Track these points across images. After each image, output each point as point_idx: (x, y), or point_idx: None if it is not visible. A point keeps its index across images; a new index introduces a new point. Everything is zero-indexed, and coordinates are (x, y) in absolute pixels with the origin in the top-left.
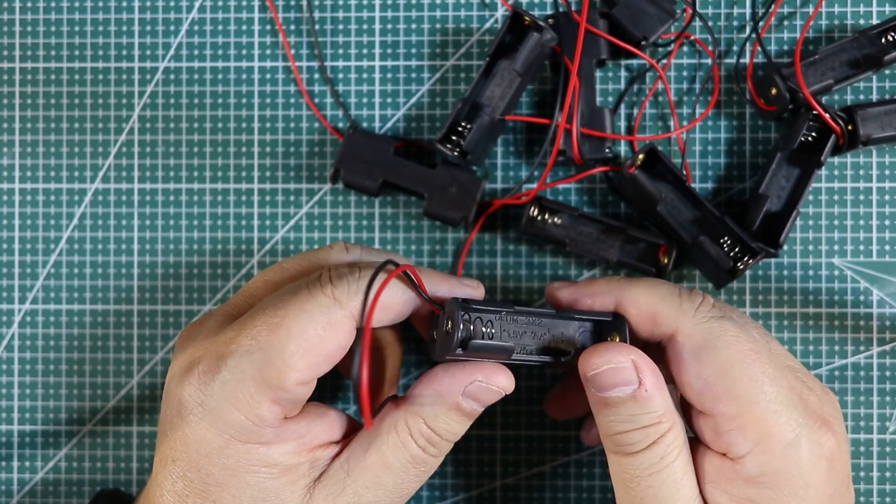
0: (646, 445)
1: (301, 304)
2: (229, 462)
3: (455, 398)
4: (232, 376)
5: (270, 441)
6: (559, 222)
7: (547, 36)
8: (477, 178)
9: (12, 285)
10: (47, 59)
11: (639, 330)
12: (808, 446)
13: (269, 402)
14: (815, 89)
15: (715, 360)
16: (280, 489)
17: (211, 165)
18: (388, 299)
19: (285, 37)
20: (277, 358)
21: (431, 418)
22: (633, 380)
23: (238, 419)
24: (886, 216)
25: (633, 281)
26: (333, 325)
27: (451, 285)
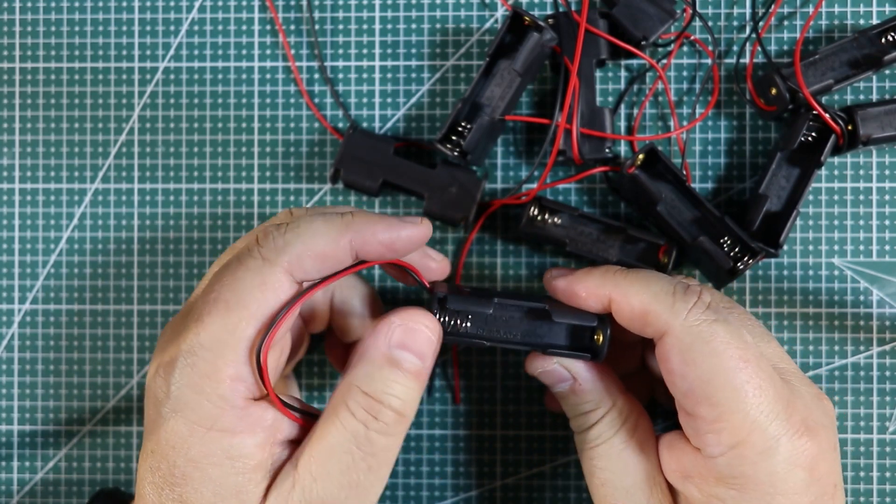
0: (589, 425)
1: (233, 273)
2: (192, 452)
3: (382, 351)
4: (187, 362)
5: (234, 428)
6: (559, 222)
7: (547, 36)
8: (477, 178)
9: (12, 285)
10: (47, 59)
11: (630, 326)
12: (785, 455)
13: (228, 379)
14: (815, 89)
15: (700, 367)
16: (243, 487)
17: (211, 165)
18: (325, 247)
19: (285, 37)
20: (224, 331)
21: (366, 382)
22: (566, 377)
23: (200, 403)
24: (886, 216)
25: (629, 274)
26: (267, 284)
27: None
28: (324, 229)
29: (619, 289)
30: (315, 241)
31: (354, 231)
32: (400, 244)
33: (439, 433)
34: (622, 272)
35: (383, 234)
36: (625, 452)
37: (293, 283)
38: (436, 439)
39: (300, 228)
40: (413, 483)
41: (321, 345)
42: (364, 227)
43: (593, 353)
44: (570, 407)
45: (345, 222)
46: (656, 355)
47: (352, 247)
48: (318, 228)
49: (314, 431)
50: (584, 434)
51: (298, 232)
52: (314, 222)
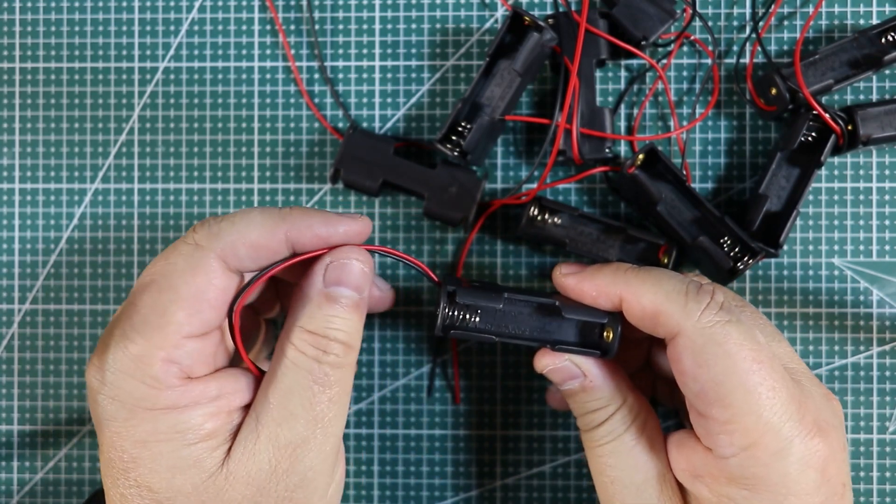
0: (598, 423)
1: (166, 258)
2: (138, 434)
3: (318, 289)
4: (119, 345)
5: (177, 405)
6: (559, 222)
7: (547, 36)
8: (477, 178)
9: (12, 285)
10: (47, 59)
11: (641, 325)
12: (798, 455)
13: (160, 361)
14: (815, 89)
15: (713, 368)
16: (199, 456)
17: (211, 165)
18: (259, 237)
19: (285, 37)
20: (153, 315)
21: (308, 321)
22: (577, 374)
23: (134, 386)
24: (886, 216)
25: (640, 273)
26: (198, 269)
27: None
28: (259, 220)
29: (631, 288)
30: (249, 230)
31: (290, 223)
32: (336, 239)
33: (439, 433)
34: (633, 270)
35: (320, 227)
36: (635, 449)
37: (226, 270)
38: (436, 439)
39: (236, 218)
40: (413, 483)
41: None
42: (300, 220)
43: (603, 350)
44: (579, 405)
45: (281, 215)
46: (668, 355)
47: (287, 239)
48: (254, 219)
49: (267, 382)
50: (592, 432)
51: (234, 221)
52: (251, 213)
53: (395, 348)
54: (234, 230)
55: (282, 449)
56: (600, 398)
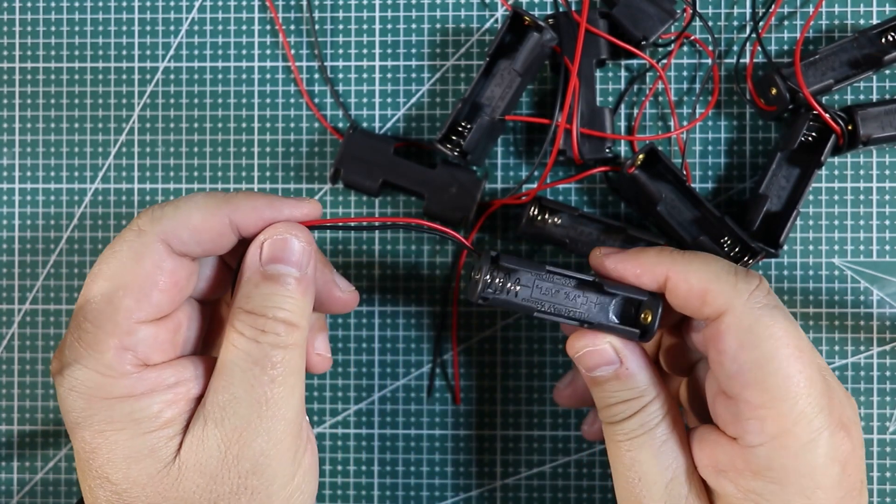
0: (629, 415)
1: (111, 247)
2: (95, 423)
3: (255, 269)
4: (73, 336)
5: (132, 393)
6: (559, 222)
7: (547, 36)
8: (477, 178)
9: (12, 285)
10: (47, 59)
11: (684, 306)
12: (825, 449)
13: (113, 349)
14: (815, 89)
15: (757, 349)
16: (154, 445)
17: (211, 165)
18: (201, 221)
19: (285, 37)
20: (104, 304)
21: (245, 301)
22: (614, 359)
23: (88, 375)
24: (886, 216)
25: (686, 254)
26: (142, 254)
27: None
28: (202, 203)
29: (678, 266)
30: (191, 213)
31: (233, 206)
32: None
33: (439, 433)
34: (678, 251)
35: (265, 211)
36: (667, 444)
37: (172, 254)
38: (436, 439)
39: (179, 203)
40: (413, 483)
41: None
42: (244, 204)
43: (643, 331)
44: (609, 394)
45: (225, 198)
46: (706, 337)
47: (232, 222)
48: (197, 202)
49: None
50: (620, 425)
51: (177, 206)
52: (194, 198)
53: (395, 348)
54: (176, 214)
55: (229, 433)
56: (633, 388)
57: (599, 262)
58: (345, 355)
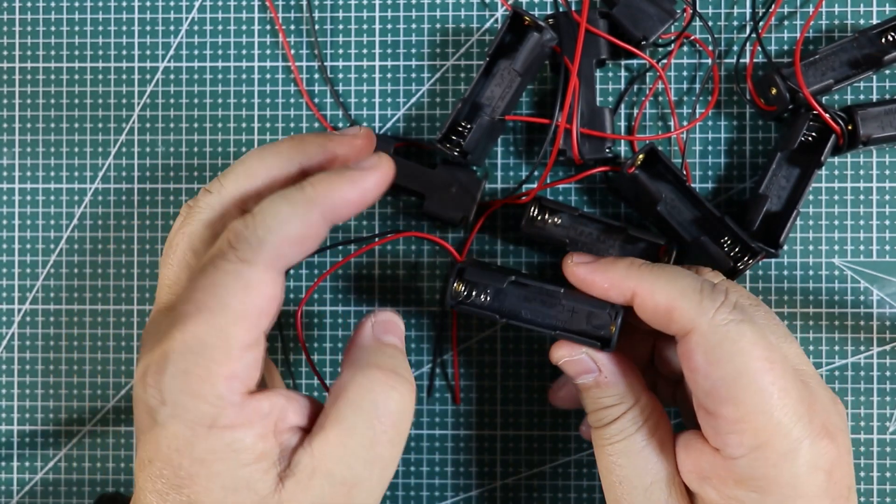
0: (610, 420)
1: (213, 281)
2: (197, 452)
3: (371, 338)
4: (178, 368)
5: (234, 423)
6: (559, 222)
7: (547, 36)
8: (477, 178)
9: (12, 285)
10: (47, 59)
11: (653, 322)
12: (807, 457)
13: (223, 379)
14: (815, 89)
15: (727, 366)
16: (251, 478)
17: (211, 165)
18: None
19: (285, 37)
20: (213, 337)
21: (375, 358)
22: (592, 368)
23: (198, 406)
24: (886, 216)
25: (654, 269)
26: (251, 286)
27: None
28: (291, 213)
29: (645, 283)
30: (287, 228)
31: (320, 202)
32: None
33: (439, 433)
34: (647, 266)
35: (350, 193)
36: (645, 450)
37: (276, 277)
38: (436, 439)
39: (268, 221)
40: (413, 483)
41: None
42: (329, 195)
43: (603, 342)
44: (592, 400)
45: (307, 199)
46: (678, 353)
47: (325, 219)
48: (286, 215)
49: (326, 416)
50: (603, 429)
51: (268, 225)
52: (280, 209)
53: None
54: (272, 235)
55: (337, 487)
56: (613, 395)
57: (570, 271)
58: None
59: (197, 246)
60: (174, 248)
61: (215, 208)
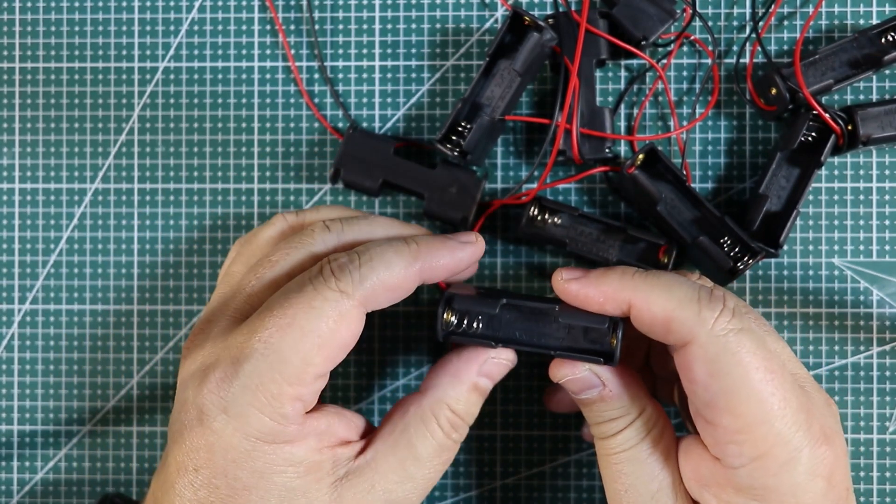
0: (614, 432)
1: (309, 301)
2: (257, 465)
3: (472, 379)
4: (251, 380)
5: (293, 439)
6: (559, 222)
7: (547, 36)
8: (477, 178)
9: (12, 285)
10: (47, 59)
11: (650, 333)
12: (806, 465)
13: (290, 400)
14: (815, 89)
15: (727, 377)
16: (306, 488)
17: (211, 165)
18: (392, 279)
19: (285, 37)
20: (294, 356)
21: (454, 402)
22: (596, 383)
23: (263, 421)
24: (886, 216)
25: (649, 277)
26: (344, 317)
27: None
28: (396, 260)
29: (640, 294)
30: (389, 273)
31: (422, 260)
32: (462, 266)
33: None
34: (641, 275)
35: (447, 259)
36: (651, 458)
37: (363, 316)
38: None
39: (373, 262)
40: None
41: None
42: (430, 256)
43: (606, 357)
44: (596, 414)
45: (412, 253)
46: (676, 363)
47: (420, 275)
48: (391, 260)
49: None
50: (608, 440)
51: (373, 265)
52: (386, 254)
53: (396, 348)
54: (374, 275)
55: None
56: (618, 408)
57: (561, 288)
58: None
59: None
60: (271, 265)
61: (328, 246)
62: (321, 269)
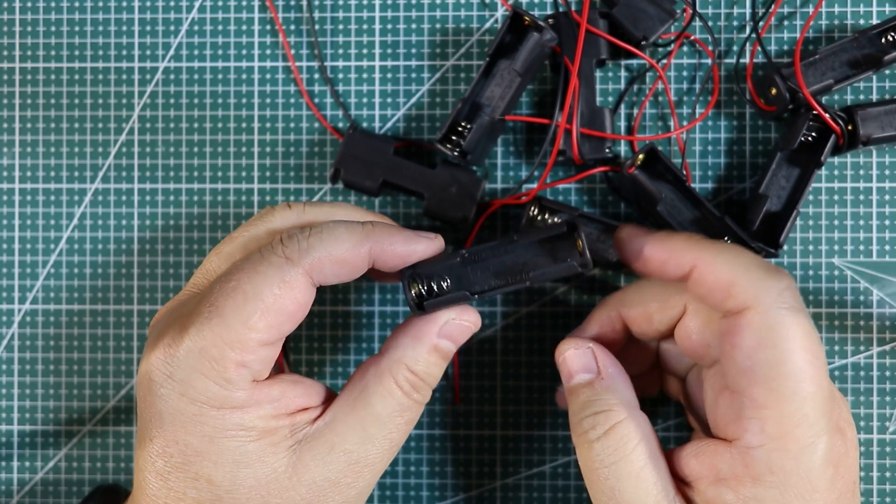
0: (602, 433)
1: (254, 266)
2: (205, 429)
3: (432, 340)
4: (195, 344)
5: (244, 405)
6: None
7: (547, 36)
8: (477, 178)
9: (12, 285)
10: (47, 59)
11: (707, 297)
12: (823, 451)
13: (234, 365)
14: (815, 89)
15: (775, 349)
16: (261, 452)
17: (211, 165)
18: (345, 253)
19: (285, 37)
20: (236, 321)
21: (413, 362)
22: (591, 367)
23: (207, 385)
24: (886, 216)
25: (716, 244)
26: (287, 283)
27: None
28: (346, 236)
29: (707, 255)
30: (337, 246)
31: (374, 240)
32: (414, 257)
33: (439, 433)
34: (707, 240)
35: (401, 246)
36: (644, 471)
37: (310, 286)
38: (436, 439)
39: (323, 234)
40: (413, 483)
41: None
42: (383, 238)
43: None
44: (584, 402)
45: (365, 231)
46: (722, 329)
47: (370, 255)
48: (341, 235)
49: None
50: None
51: (321, 237)
52: (337, 229)
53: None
54: (322, 246)
55: (352, 465)
56: (604, 400)
57: (623, 243)
58: (345, 355)
59: (251, 247)
60: (231, 241)
61: (286, 223)
62: (272, 239)
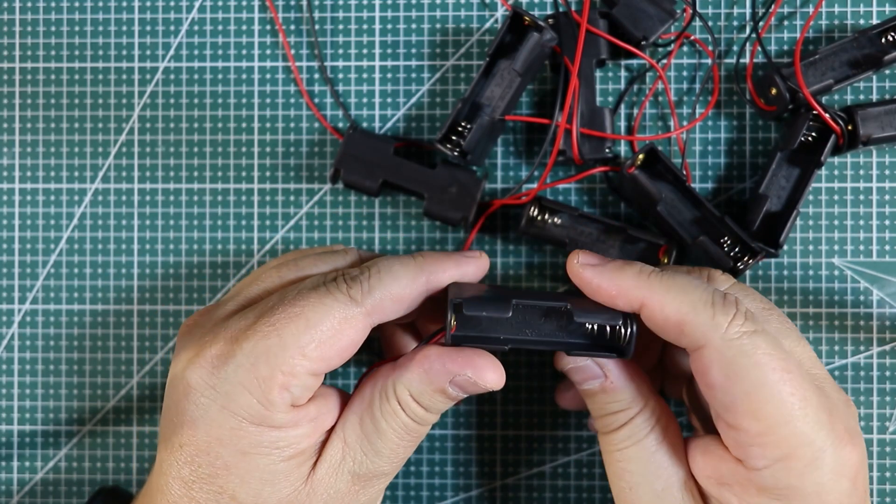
0: (618, 426)
1: (320, 298)
2: (241, 445)
3: (442, 384)
4: (247, 359)
5: (283, 425)
6: (559, 222)
7: (547, 36)
8: (477, 178)
9: (12, 285)
10: (47, 59)
11: (663, 335)
12: (831, 465)
13: (279, 387)
14: (815, 89)
15: (745, 380)
16: (289, 471)
17: (211, 165)
18: (399, 290)
19: (285, 37)
20: (293, 345)
21: (418, 395)
22: (598, 374)
23: (250, 402)
24: (886, 216)
25: (664, 279)
26: (348, 321)
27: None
28: (402, 272)
29: (655, 294)
30: (395, 286)
31: (428, 272)
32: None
33: (439, 433)
34: (656, 274)
35: (452, 271)
36: (656, 455)
37: (368, 326)
38: (436, 439)
39: (382, 274)
40: (413, 483)
41: None
42: (435, 268)
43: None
44: (599, 406)
45: (418, 265)
46: (692, 367)
47: (427, 287)
48: (398, 272)
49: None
50: (612, 435)
51: (381, 278)
52: (393, 266)
53: None
54: (381, 286)
55: (361, 477)
56: (620, 400)
57: (576, 272)
58: None
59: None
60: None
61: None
62: (336, 276)
